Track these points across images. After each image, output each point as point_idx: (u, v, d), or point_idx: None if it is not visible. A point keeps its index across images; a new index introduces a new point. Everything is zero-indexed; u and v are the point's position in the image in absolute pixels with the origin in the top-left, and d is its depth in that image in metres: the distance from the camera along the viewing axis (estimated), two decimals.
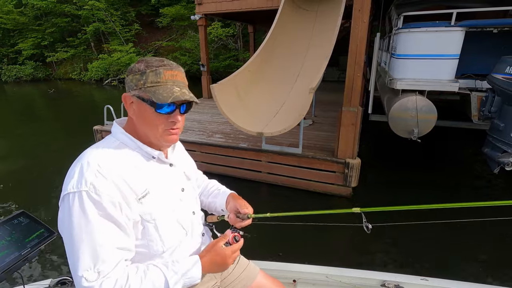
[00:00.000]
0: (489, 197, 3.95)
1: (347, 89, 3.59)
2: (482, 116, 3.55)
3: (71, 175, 0.77)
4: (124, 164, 0.82)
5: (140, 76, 0.80)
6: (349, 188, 3.91)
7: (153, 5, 17.69)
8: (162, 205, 0.87)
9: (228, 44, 15.83)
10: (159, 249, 0.86)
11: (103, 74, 17.06)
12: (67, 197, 0.74)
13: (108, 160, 0.79)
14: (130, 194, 0.79)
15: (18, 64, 19.87)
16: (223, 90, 3.81)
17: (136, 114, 0.84)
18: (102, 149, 0.82)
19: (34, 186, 4.68)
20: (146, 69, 0.80)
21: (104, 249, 0.73)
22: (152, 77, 0.80)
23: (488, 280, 2.62)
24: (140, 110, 0.82)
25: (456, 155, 5.47)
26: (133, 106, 0.84)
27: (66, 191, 0.75)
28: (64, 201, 0.75)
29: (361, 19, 3.31)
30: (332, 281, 1.51)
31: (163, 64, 0.81)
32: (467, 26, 3.48)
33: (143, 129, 0.85)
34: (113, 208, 0.75)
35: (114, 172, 0.78)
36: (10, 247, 1.00)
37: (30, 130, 8.21)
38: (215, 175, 4.73)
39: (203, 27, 7.82)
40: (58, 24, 18.45)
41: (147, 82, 0.80)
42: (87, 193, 0.73)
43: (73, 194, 0.73)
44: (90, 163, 0.77)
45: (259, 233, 3.24)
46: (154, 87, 0.80)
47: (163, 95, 0.79)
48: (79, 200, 0.73)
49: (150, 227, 0.84)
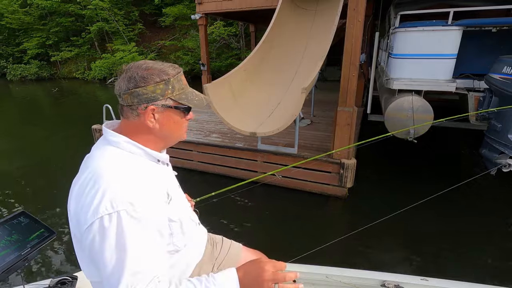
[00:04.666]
0: (486, 197, 3.90)
1: (343, 89, 3.56)
2: (480, 117, 3.50)
3: (95, 197, 0.71)
4: (145, 174, 0.81)
5: (165, 86, 0.81)
6: (344, 189, 3.88)
7: (156, 5, 17.75)
8: (179, 204, 0.94)
9: (230, 43, 15.83)
10: (181, 244, 0.91)
11: (106, 73, 17.17)
12: (102, 220, 0.69)
13: (130, 174, 0.77)
14: (161, 201, 0.82)
15: (23, 63, 20.09)
16: (217, 89, 3.81)
17: (160, 123, 0.84)
18: (117, 164, 0.79)
19: (36, 185, 4.72)
20: (170, 78, 0.81)
21: (144, 268, 0.72)
22: (177, 84, 0.83)
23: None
24: (169, 118, 0.84)
25: (454, 156, 5.41)
26: (156, 116, 0.83)
27: (97, 215, 0.69)
28: (98, 224, 0.70)
29: (356, 18, 3.28)
30: (332, 281, 1.52)
31: (176, 69, 0.85)
32: (464, 25, 3.43)
33: (169, 134, 0.88)
34: (153, 222, 0.76)
35: (143, 185, 0.77)
36: (10, 247, 1.00)
37: (33, 129, 8.30)
38: (212, 174, 4.76)
39: (203, 27, 7.82)
40: (62, 23, 18.59)
41: (175, 90, 0.83)
42: (125, 212, 0.70)
43: (109, 216, 0.69)
44: (115, 181, 0.74)
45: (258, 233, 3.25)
46: (182, 93, 0.84)
47: (196, 99, 0.87)
48: (118, 220, 0.70)
49: (175, 226, 0.88)
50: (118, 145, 0.83)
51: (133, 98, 0.80)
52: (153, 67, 0.81)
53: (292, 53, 5.05)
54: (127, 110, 0.83)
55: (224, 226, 3.46)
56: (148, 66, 0.81)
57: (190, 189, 1.34)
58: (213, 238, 1.25)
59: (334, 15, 4.41)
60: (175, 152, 4.81)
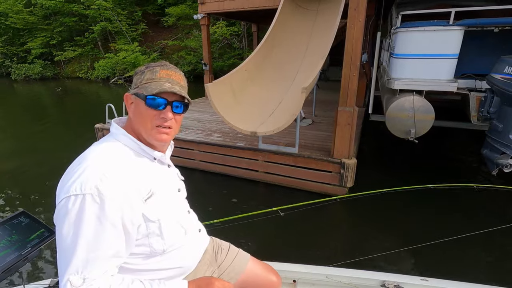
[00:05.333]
0: (488, 198, 3.89)
1: (343, 89, 3.57)
2: (481, 117, 3.49)
3: (72, 177, 0.75)
4: (127, 166, 0.82)
5: (139, 76, 0.87)
6: (344, 188, 3.88)
7: (159, 5, 17.83)
8: (165, 206, 0.90)
9: (232, 43, 15.86)
10: (160, 247, 0.88)
11: (110, 73, 17.27)
12: (69, 199, 0.72)
13: (111, 163, 0.79)
14: (135, 196, 0.80)
15: (28, 63, 20.29)
16: (218, 89, 3.83)
17: (132, 112, 0.88)
18: (105, 151, 0.82)
19: (36, 184, 4.75)
20: (146, 69, 0.87)
21: (97, 255, 0.72)
22: (148, 75, 0.86)
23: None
24: (136, 107, 0.87)
25: (456, 156, 5.39)
26: (132, 106, 0.89)
27: (67, 193, 0.72)
28: (64, 203, 0.72)
29: (357, 18, 3.28)
30: (332, 281, 1.52)
31: (160, 65, 0.88)
32: (466, 25, 3.42)
33: (137, 126, 0.88)
34: (116, 214, 0.75)
35: (118, 175, 0.78)
36: (11, 247, 1.01)
37: (36, 128, 8.36)
38: (213, 173, 4.78)
39: (205, 27, 7.86)
40: (66, 23, 18.75)
41: (143, 80, 0.86)
42: (91, 196, 0.72)
43: (75, 197, 0.71)
44: (94, 166, 0.76)
45: (257, 233, 3.26)
46: (148, 83, 0.85)
47: (152, 87, 0.84)
48: (81, 203, 0.71)
49: (153, 226, 0.85)
50: (117, 137, 0.88)
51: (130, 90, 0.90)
52: (149, 63, 0.89)
53: (294, 53, 5.06)
54: None
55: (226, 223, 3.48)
56: (147, 63, 0.89)
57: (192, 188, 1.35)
58: (220, 244, 1.24)
59: (336, 15, 4.41)
60: (177, 151, 4.84)
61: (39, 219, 1.14)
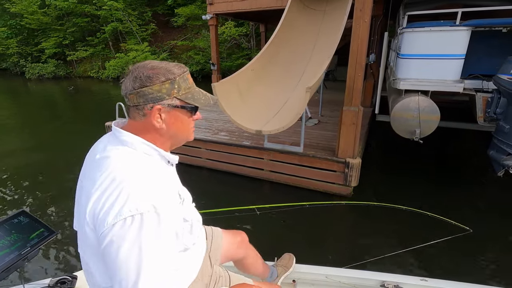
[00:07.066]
0: (494, 201, 3.86)
1: (348, 88, 3.59)
2: (488, 118, 3.47)
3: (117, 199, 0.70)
4: (160, 176, 0.81)
5: (171, 85, 0.80)
6: (349, 188, 3.91)
7: (169, 5, 18.04)
8: (190, 204, 0.96)
9: (241, 43, 15.94)
10: (190, 243, 0.95)
11: (120, 72, 17.54)
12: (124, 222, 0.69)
13: (150, 177, 0.77)
14: (175, 203, 0.83)
15: (41, 62, 20.77)
16: (225, 89, 3.90)
17: (167, 123, 0.84)
18: (137, 166, 0.78)
19: (45, 182, 4.85)
20: (175, 77, 0.81)
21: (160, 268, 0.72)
22: (183, 84, 0.83)
23: None
24: (176, 118, 0.84)
25: (463, 157, 5.34)
26: (162, 116, 0.82)
27: (121, 216, 0.69)
28: (121, 226, 0.69)
29: (362, 18, 3.30)
30: (331, 281, 1.54)
31: (182, 68, 0.85)
32: (473, 25, 3.40)
33: (175, 135, 0.87)
34: (171, 225, 0.78)
35: (160, 187, 0.78)
36: (10, 246, 1.01)
37: (48, 126, 8.60)
38: (220, 172, 4.86)
39: (214, 27, 7.93)
40: (78, 24, 19.12)
41: (181, 89, 0.82)
42: (148, 214, 0.71)
43: (132, 218, 0.69)
44: (138, 184, 0.73)
45: (257, 233, 3.31)
46: (188, 93, 0.84)
47: (202, 99, 0.86)
48: (141, 223, 0.69)
49: (187, 226, 0.91)
50: (133, 146, 0.82)
51: (139, 98, 0.80)
52: (158, 66, 0.81)
53: (300, 52, 5.10)
54: (133, 110, 0.83)
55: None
56: (153, 66, 0.81)
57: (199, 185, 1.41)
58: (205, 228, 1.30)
59: (343, 15, 4.43)
60: (185, 150, 4.93)
61: (39, 218, 1.15)
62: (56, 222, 3.67)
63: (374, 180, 4.49)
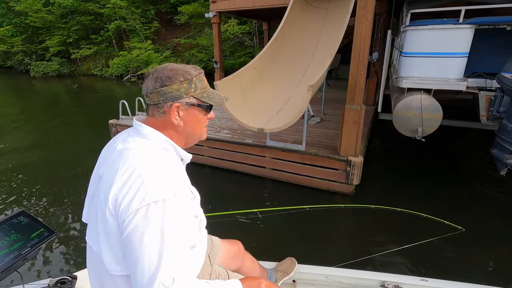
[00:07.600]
0: (498, 199, 3.85)
1: (350, 87, 3.60)
2: (491, 116, 3.46)
3: (140, 187, 0.75)
4: (176, 170, 0.86)
5: (188, 85, 0.87)
6: (351, 186, 3.92)
7: (172, 3, 18.06)
8: (199, 202, 0.99)
9: (244, 41, 15.93)
10: (197, 240, 0.99)
11: (123, 70, 17.62)
12: (148, 207, 0.73)
13: (169, 167, 0.83)
14: (188, 196, 0.88)
15: (45, 60, 20.89)
16: (227, 87, 3.91)
17: (185, 120, 0.90)
18: (157, 157, 0.84)
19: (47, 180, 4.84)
20: (192, 77, 0.88)
21: (181, 252, 0.77)
22: (199, 84, 0.90)
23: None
24: (192, 115, 0.91)
25: (466, 155, 5.32)
26: (180, 114, 0.89)
27: (146, 202, 0.73)
28: (144, 212, 0.73)
29: (364, 16, 3.30)
30: (331, 281, 1.53)
31: (198, 70, 0.92)
32: (476, 23, 3.38)
33: (191, 132, 0.94)
34: (188, 211, 0.85)
35: (178, 178, 0.84)
36: (10, 246, 1.01)
37: (51, 123, 8.67)
38: (222, 169, 4.88)
39: (216, 25, 7.94)
40: (82, 22, 19.21)
41: (198, 89, 0.89)
42: (170, 200, 0.76)
43: (155, 204, 0.74)
44: (159, 172, 0.79)
45: (257, 233, 3.33)
46: (204, 92, 0.91)
47: (216, 98, 0.94)
48: (163, 208, 0.74)
49: (197, 222, 0.96)
50: (153, 139, 0.88)
51: (159, 97, 0.86)
52: (177, 68, 0.88)
53: (303, 50, 5.09)
54: (153, 108, 0.89)
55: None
56: (172, 68, 0.88)
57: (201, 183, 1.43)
58: None
59: (346, 13, 4.42)
60: (188, 147, 4.95)
61: (39, 218, 1.15)
62: (56, 222, 3.68)
63: (377, 178, 4.49)
